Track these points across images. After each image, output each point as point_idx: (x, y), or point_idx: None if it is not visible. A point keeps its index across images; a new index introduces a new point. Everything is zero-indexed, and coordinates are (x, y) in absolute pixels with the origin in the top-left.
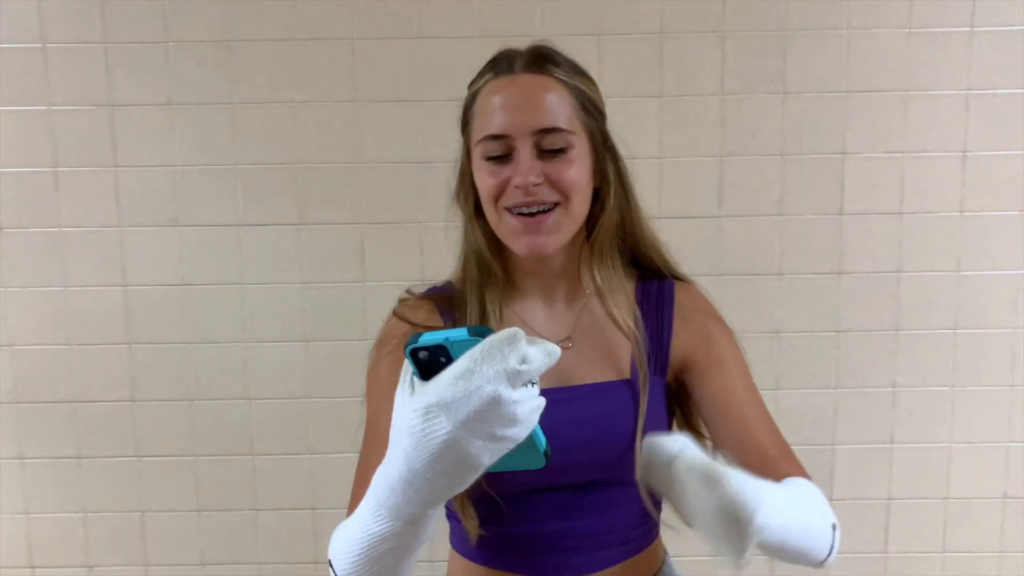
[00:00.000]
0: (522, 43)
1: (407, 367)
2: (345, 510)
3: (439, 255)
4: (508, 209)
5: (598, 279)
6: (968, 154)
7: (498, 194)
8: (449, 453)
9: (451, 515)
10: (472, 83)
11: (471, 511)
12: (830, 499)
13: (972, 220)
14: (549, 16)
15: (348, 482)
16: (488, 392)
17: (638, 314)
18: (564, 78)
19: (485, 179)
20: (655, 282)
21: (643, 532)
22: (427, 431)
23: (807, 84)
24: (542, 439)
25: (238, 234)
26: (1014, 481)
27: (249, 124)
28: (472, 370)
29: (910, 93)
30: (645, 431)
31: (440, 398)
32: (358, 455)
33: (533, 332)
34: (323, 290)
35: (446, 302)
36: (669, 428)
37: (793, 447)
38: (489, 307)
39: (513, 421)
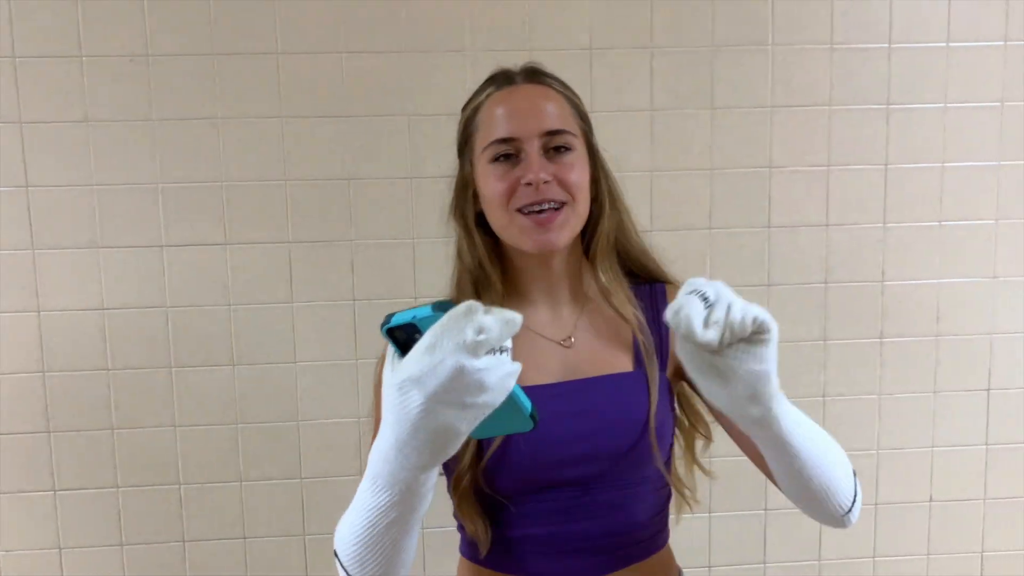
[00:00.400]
0: (453, 59)
1: (390, 347)
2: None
3: (371, 273)
4: (518, 210)
5: (602, 279)
6: (889, 167)
7: (508, 195)
8: (426, 423)
9: (461, 526)
10: (470, 102)
11: (476, 518)
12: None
13: (895, 231)
14: (480, 31)
15: (281, 510)
16: (450, 364)
17: (640, 308)
18: (560, 89)
19: (493, 183)
20: (646, 286)
21: (651, 534)
22: (404, 405)
23: (734, 99)
24: (526, 402)
25: (160, 255)
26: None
27: (170, 141)
28: (434, 344)
29: (833, 107)
30: (654, 418)
31: (410, 373)
32: (300, 480)
33: (537, 334)
34: (250, 311)
35: None
36: (674, 420)
37: None
38: None
39: (481, 388)
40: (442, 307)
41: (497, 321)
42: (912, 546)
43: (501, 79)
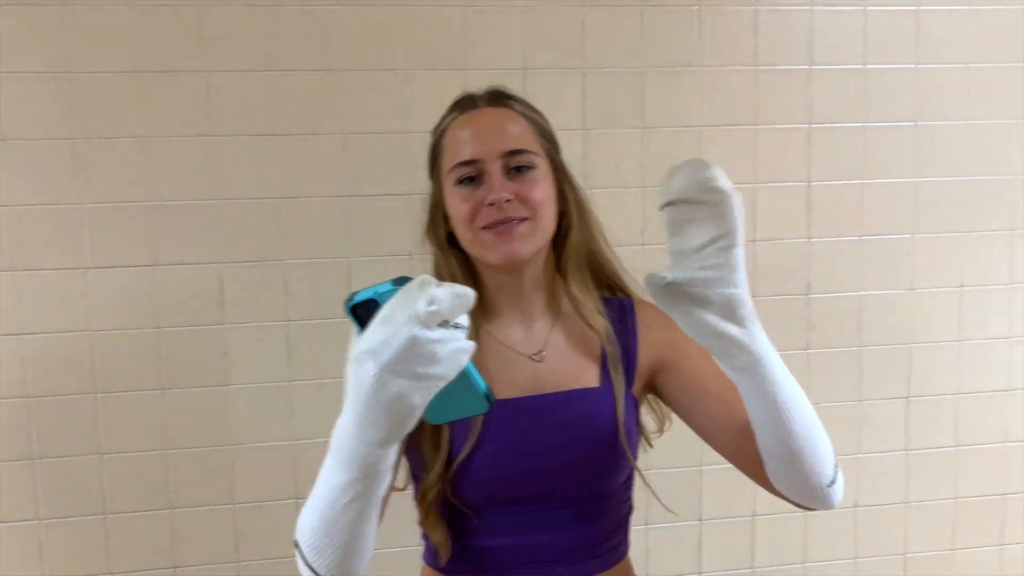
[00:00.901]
0: (387, 77)
1: (354, 325)
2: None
3: (306, 294)
4: (482, 228)
5: (573, 290)
6: (812, 184)
7: (473, 216)
8: (380, 394)
9: (425, 534)
10: (436, 126)
11: (440, 528)
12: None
13: (817, 245)
14: (413, 50)
15: (214, 537)
16: (404, 334)
17: (609, 319)
18: (522, 111)
19: (459, 204)
20: (616, 299)
21: (613, 546)
22: (359, 377)
23: (664, 119)
24: (480, 381)
25: (84, 278)
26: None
27: (93, 161)
28: (389, 316)
29: (757, 127)
30: (624, 433)
31: (366, 345)
32: (233, 505)
33: (508, 348)
34: (180, 335)
35: None
36: (637, 435)
37: None
38: None
39: (433, 359)
40: (401, 282)
41: (448, 294)
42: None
43: (465, 103)
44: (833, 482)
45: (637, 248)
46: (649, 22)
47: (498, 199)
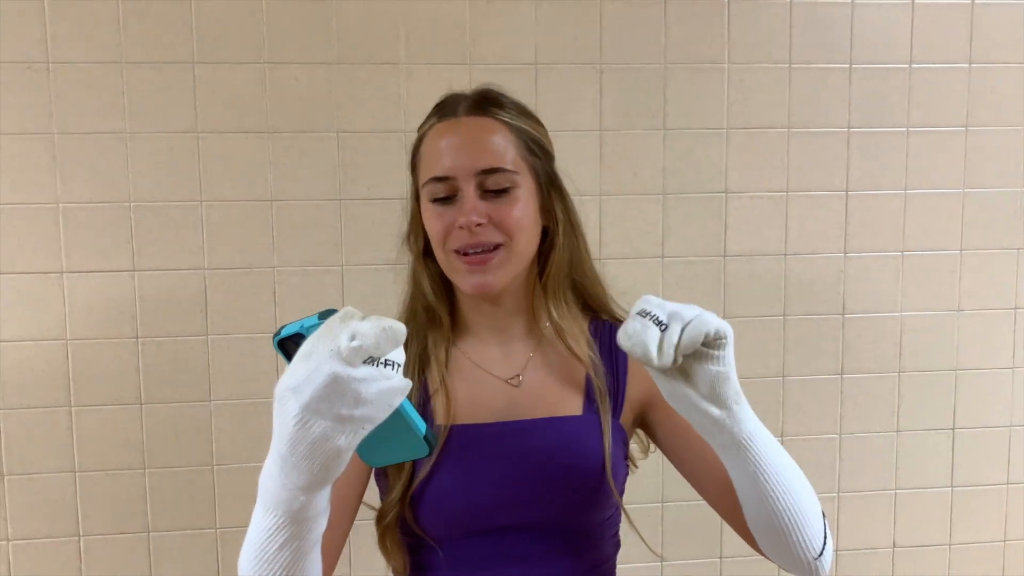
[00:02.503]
0: (386, 72)
1: (281, 359)
2: None
3: (295, 302)
4: (455, 251)
5: (555, 315)
6: (850, 193)
7: (445, 236)
8: (302, 435)
9: None
10: (420, 127)
11: (399, 554)
12: None
13: (855, 260)
14: (417, 43)
15: (194, 563)
16: (325, 371)
17: (596, 349)
18: (508, 120)
19: (432, 222)
20: (607, 323)
21: None
22: (282, 415)
23: (688, 120)
24: (418, 423)
25: (61, 282)
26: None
27: (71, 157)
28: (311, 352)
29: (791, 130)
30: (608, 463)
31: (288, 382)
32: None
33: (484, 371)
34: (161, 345)
35: None
36: (625, 469)
37: None
38: (431, 348)
39: (357, 400)
40: (327, 314)
41: (373, 328)
42: None
43: (447, 107)
44: (821, 554)
45: (656, 260)
46: (673, 15)
47: (468, 223)
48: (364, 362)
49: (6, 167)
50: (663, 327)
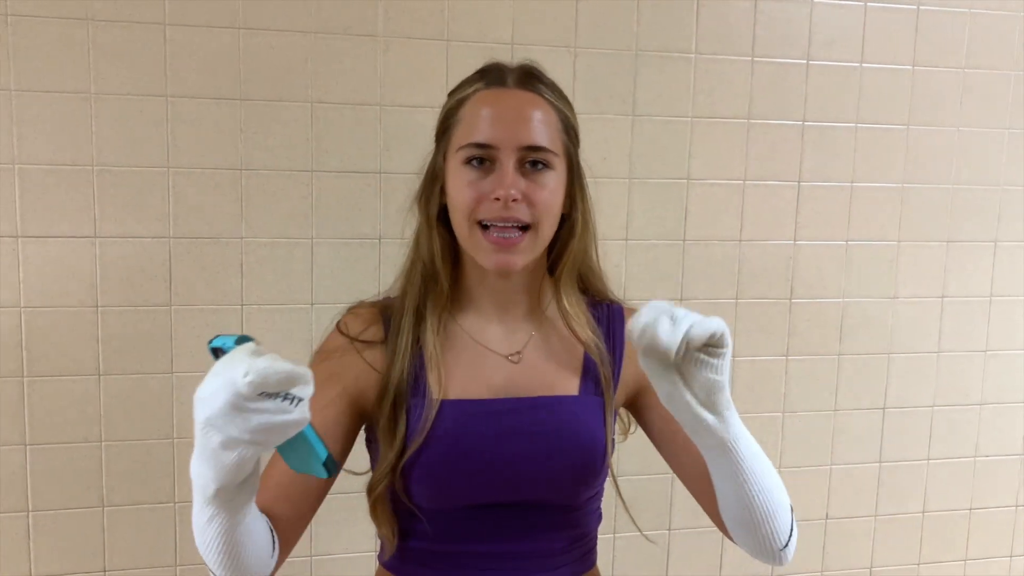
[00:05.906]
0: (363, 43)
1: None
2: None
3: (263, 276)
4: (480, 224)
5: (565, 302)
6: (802, 184)
7: (475, 206)
8: (205, 442)
9: None
10: (456, 90)
11: (388, 522)
12: None
13: (804, 248)
14: (395, 16)
15: (151, 538)
16: (222, 397)
17: (599, 333)
18: (551, 99)
19: (464, 190)
20: (604, 305)
21: (579, 556)
22: (196, 417)
23: (655, 107)
24: (320, 450)
25: (15, 247)
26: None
27: (32, 117)
28: (219, 372)
29: (751, 121)
30: (601, 447)
31: (201, 392)
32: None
33: (484, 347)
34: (122, 314)
35: (391, 311)
36: (612, 448)
37: None
38: (429, 318)
39: (247, 427)
40: (242, 341)
41: (269, 370)
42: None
43: (493, 75)
44: (787, 544)
45: (620, 243)
46: (645, 3)
47: (505, 196)
48: (263, 394)
49: None
50: (674, 320)
